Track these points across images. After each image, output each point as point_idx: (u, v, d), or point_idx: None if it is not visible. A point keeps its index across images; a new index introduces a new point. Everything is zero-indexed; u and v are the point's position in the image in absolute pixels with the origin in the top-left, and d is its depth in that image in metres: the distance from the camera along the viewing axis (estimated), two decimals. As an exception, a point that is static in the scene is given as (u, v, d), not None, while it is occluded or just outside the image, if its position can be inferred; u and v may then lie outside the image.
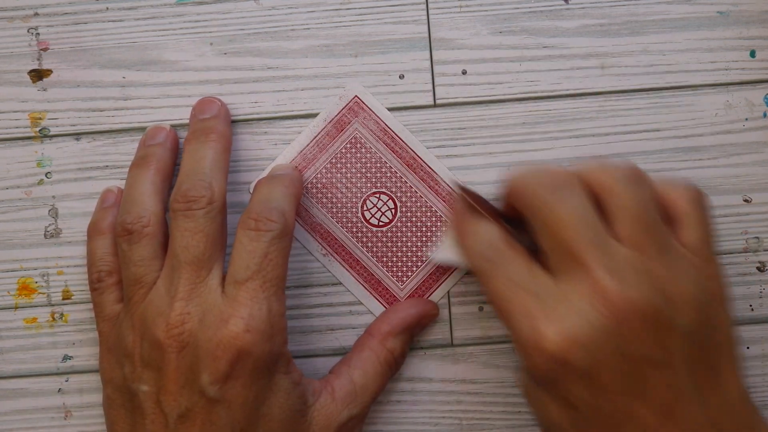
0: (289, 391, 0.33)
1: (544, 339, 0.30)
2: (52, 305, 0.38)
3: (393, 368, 0.37)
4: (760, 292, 0.38)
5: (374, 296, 0.38)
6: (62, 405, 0.38)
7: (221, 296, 0.33)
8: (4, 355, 0.38)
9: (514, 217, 0.34)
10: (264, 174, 0.38)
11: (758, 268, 0.38)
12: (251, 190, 0.38)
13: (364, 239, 0.38)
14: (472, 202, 0.34)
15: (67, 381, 0.38)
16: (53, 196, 0.38)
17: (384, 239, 0.38)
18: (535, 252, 0.32)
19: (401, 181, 0.38)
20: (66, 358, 0.38)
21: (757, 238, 0.38)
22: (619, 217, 0.31)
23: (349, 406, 0.35)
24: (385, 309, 0.38)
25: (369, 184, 0.38)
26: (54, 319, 0.38)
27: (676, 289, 0.30)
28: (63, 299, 0.38)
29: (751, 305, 0.38)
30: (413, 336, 0.37)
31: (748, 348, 0.38)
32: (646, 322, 0.29)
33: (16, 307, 0.38)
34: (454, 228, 0.35)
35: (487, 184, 0.38)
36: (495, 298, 0.32)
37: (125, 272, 0.34)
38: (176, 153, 0.38)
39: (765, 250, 0.38)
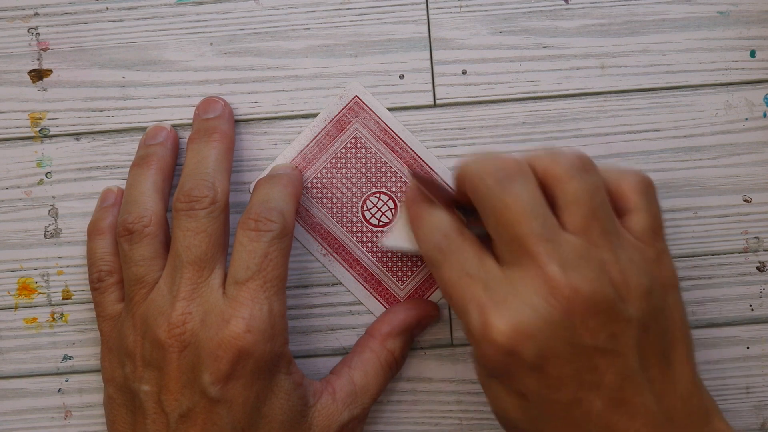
0: (290, 392, 0.33)
1: (494, 330, 0.29)
2: (52, 305, 0.38)
3: (393, 369, 0.36)
4: (760, 292, 0.38)
5: (374, 296, 0.38)
6: (62, 405, 0.38)
7: (222, 296, 0.33)
8: (4, 355, 0.38)
9: (467, 204, 0.33)
10: (264, 174, 0.38)
11: (758, 268, 0.38)
12: (251, 190, 0.38)
13: (365, 239, 0.38)
14: (425, 189, 0.33)
15: (67, 381, 0.38)
16: (53, 196, 0.38)
17: None
18: (487, 240, 0.32)
19: (401, 181, 0.38)
20: (66, 358, 0.38)
21: (757, 238, 0.38)
22: (568, 207, 0.30)
23: (349, 406, 0.35)
24: (385, 309, 0.38)
25: (369, 184, 0.38)
26: (54, 319, 0.38)
27: (625, 278, 0.30)
28: (63, 299, 0.38)
29: (751, 305, 0.38)
30: (414, 337, 0.37)
31: (748, 348, 0.38)
32: (595, 312, 0.29)
33: (16, 307, 0.38)
34: (407, 215, 0.34)
35: (487, 184, 0.38)
36: (445, 288, 0.31)
37: (126, 272, 0.34)
38: (177, 152, 0.38)
39: (765, 250, 0.38)
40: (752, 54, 0.38)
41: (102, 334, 0.35)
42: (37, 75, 0.38)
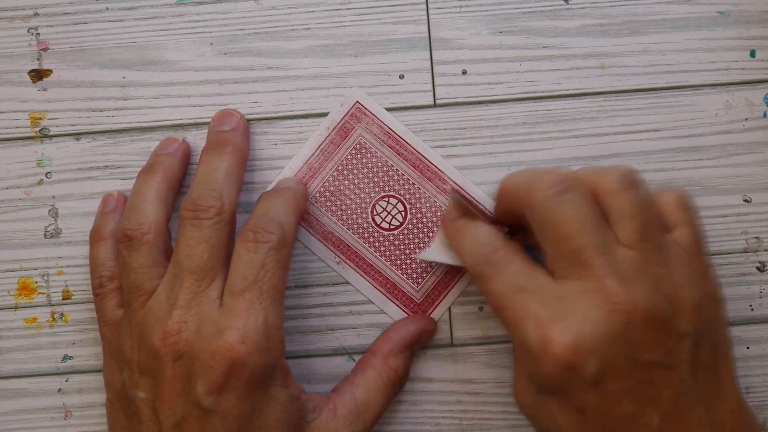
0: (287, 405, 0.33)
1: (554, 345, 0.29)
2: (52, 305, 0.38)
3: (397, 386, 0.36)
4: (760, 292, 0.38)
5: (391, 300, 0.38)
6: (62, 405, 0.38)
7: (219, 307, 0.33)
8: (4, 355, 0.38)
9: (507, 223, 0.34)
10: (270, 187, 0.38)
11: (758, 268, 0.38)
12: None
13: (377, 244, 0.38)
14: (467, 205, 0.34)
15: (67, 381, 0.38)
16: (53, 196, 0.38)
17: (396, 242, 0.38)
18: (531, 255, 0.32)
19: (409, 183, 0.38)
20: (66, 358, 0.38)
21: (757, 238, 0.38)
22: (621, 220, 0.31)
23: (351, 423, 0.34)
24: (403, 312, 0.38)
25: (377, 189, 0.38)
26: (54, 319, 0.38)
27: (678, 292, 0.30)
28: (63, 299, 0.38)
29: (751, 305, 0.38)
30: (414, 353, 0.37)
31: (748, 348, 0.38)
32: (652, 327, 0.29)
33: (16, 307, 0.38)
34: (449, 229, 0.34)
35: (487, 184, 0.38)
36: (497, 301, 0.32)
37: (125, 279, 0.34)
38: (186, 164, 0.37)
39: (765, 250, 0.38)
40: (752, 54, 0.38)
41: (103, 339, 0.35)
42: (37, 75, 0.38)
